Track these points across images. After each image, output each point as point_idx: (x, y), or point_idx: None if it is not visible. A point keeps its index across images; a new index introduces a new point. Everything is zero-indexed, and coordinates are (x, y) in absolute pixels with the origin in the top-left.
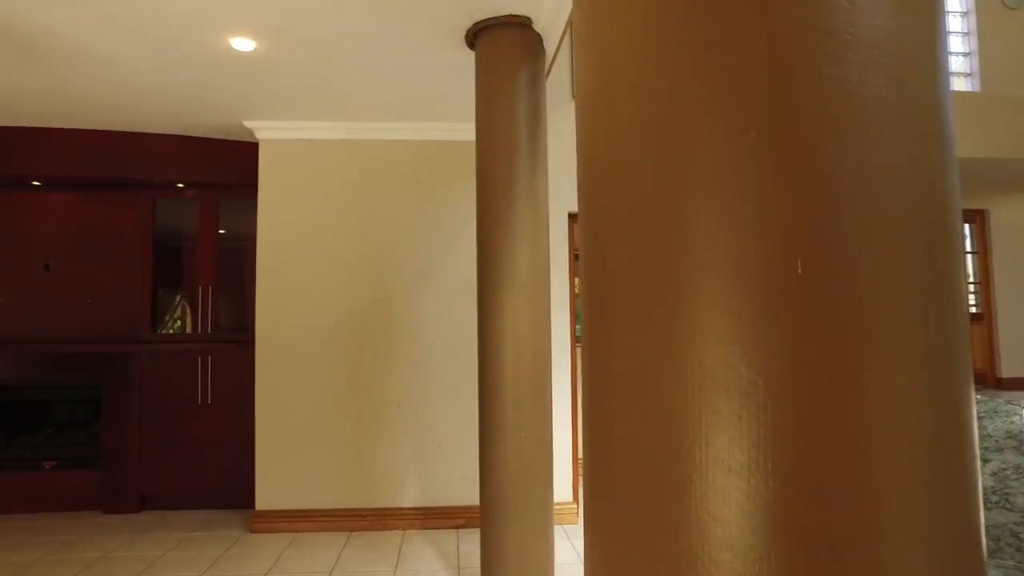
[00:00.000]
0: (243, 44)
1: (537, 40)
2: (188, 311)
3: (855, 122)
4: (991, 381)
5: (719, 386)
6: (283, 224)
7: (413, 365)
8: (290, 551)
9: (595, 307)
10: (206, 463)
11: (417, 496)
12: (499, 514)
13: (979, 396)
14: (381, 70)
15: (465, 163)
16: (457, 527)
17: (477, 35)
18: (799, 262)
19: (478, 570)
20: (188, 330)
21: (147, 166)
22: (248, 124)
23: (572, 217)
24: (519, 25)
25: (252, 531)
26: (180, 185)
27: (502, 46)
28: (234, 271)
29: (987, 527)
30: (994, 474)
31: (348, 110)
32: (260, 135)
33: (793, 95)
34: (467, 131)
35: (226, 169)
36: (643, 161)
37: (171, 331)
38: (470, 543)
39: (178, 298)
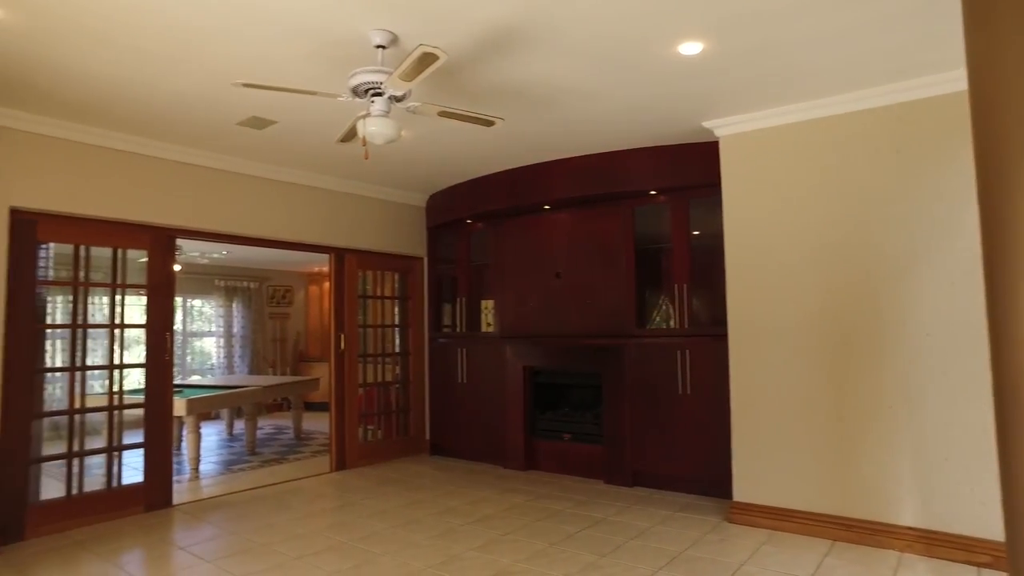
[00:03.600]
0: (690, 48)
1: None
2: (671, 308)
3: None
4: None
5: None
6: (749, 217)
7: (905, 361)
8: (767, 547)
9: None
10: (687, 449)
11: (918, 515)
12: None
13: None
14: (834, 33)
15: (957, 119)
16: (979, 565)
17: None
18: None
19: None
20: (671, 325)
21: (626, 179)
22: (707, 124)
23: None
24: None
25: (729, 521)
26: (653, 192)
27: None
28: (707, 268)
29: None
30: None
31: (806, 89)
32: (719, 132)
33: None
34: (953, 80)
35: (691, 171)
36: None
37: (655, 327)
38: None
39: (662, 297)
